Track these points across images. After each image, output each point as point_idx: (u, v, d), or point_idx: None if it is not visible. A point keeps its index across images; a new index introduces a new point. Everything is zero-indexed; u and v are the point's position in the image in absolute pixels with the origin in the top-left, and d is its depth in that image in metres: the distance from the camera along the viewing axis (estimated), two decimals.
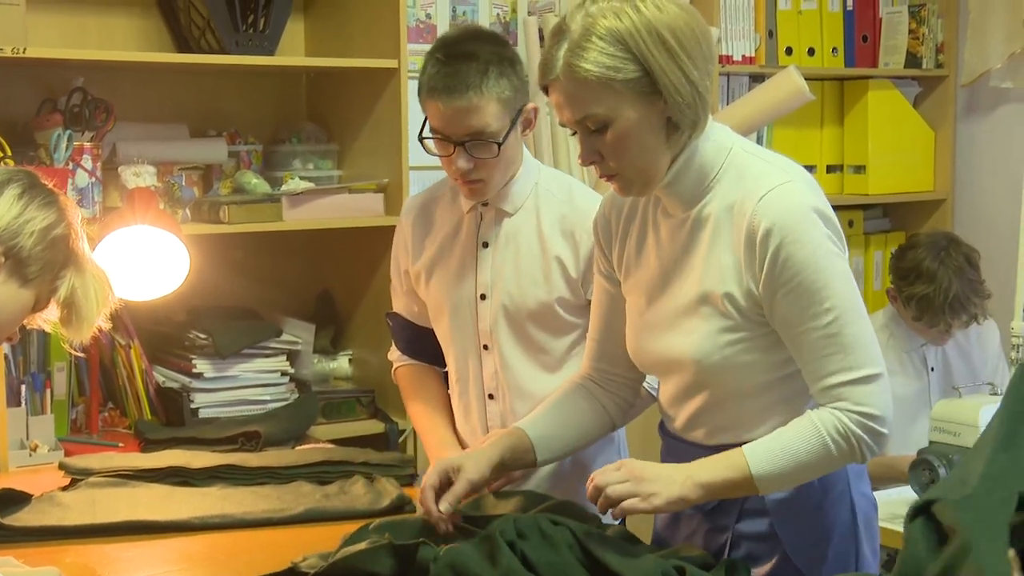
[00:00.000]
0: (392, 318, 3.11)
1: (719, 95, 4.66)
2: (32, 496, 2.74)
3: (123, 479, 2.86)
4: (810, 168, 4.99)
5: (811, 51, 4.99)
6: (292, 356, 3.79)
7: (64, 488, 2.83)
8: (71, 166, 3.42)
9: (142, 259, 3.23)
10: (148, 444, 3.33)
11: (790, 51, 4.93)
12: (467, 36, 2.79)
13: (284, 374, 3.75)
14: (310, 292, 4.17)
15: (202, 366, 3.62)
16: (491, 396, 2.92)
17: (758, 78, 4.68)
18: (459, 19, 4.46)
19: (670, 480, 2.21)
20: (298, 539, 2.55)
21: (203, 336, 3.64)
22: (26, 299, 2.37)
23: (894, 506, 3.23)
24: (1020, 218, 2.97)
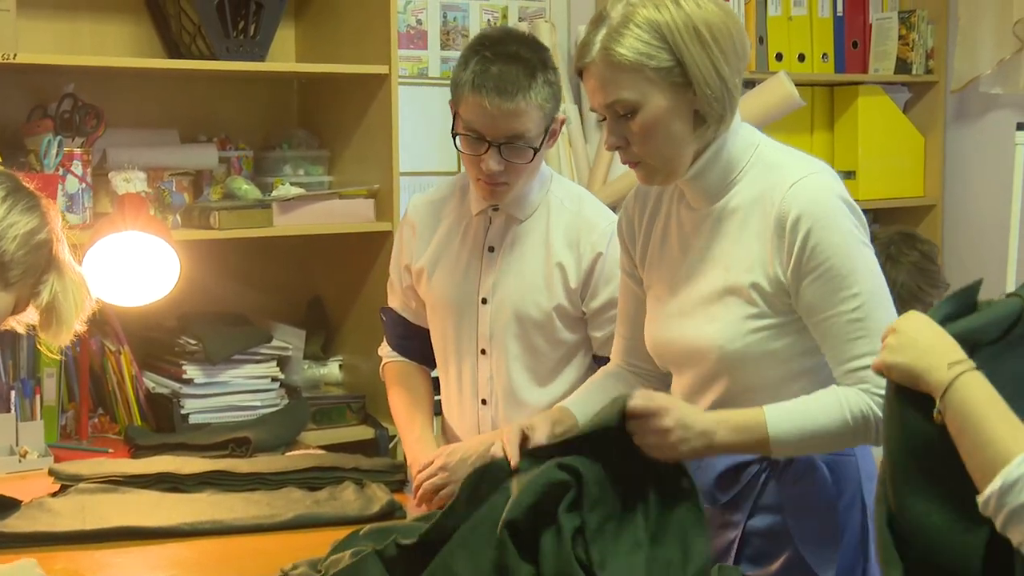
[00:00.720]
0: (386, 313, 3.11)
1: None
2: (22, 502, 2.74)
3: (113, 485, 2.86)
4: None
5: (801, 57, 5.00)
6: (282, 362, 3.78)
7: (54, 494, 2.83)
8: (61, 172, 3.42)
9: (132, 265, 3.23)
10: (138, 450, 3.32)
11: (780, 57, 4.94)
12: (511, 38, 2.78)
13: (274, 380, 3.74)
14: (301, 298, 4.17)
15: (192, 372, 3.62)
16: (484, 401, 2.93)
17: (749, 84, 4.62)
18: (449, 25, 4.47)
19: (697, 433, 2.19)
20: (288, 545, 2.55)
21: (193, 342, 3.64)
22: (6, 302, 2.37)
23: None
24: (1009, 223, 2.98)
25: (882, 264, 3.85)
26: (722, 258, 2.33)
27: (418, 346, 3.08)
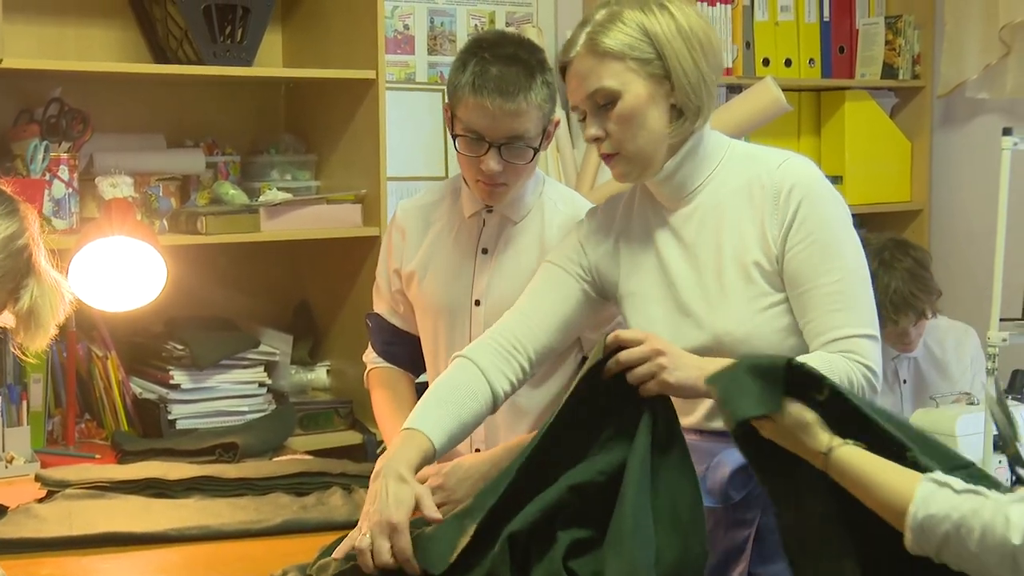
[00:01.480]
0: (372, 318, 3.11)
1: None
2: (8, 508, 2.73)
3: (100, 491, 2.85)
4: None
5: (788, 62, 5.01)
6: (270, 367, 3.78)
7: (40, 500, 2.82)
8: (48, 177, 3.41)
9: (119, 270, 3.22)
10: (125, 456, 3.32)
11: (767, 62, 4.94)
12: (507, 40, 2.81)
13: (262, 385, 3.74)
14: (288, 303, 4.16)
15: (179, 377, 3.61)
16: None
17: (735, 89, 4.69)
18: (437, 30, 4.47)
19: (687, 365, 2.24)
20: (276, 550, 2.54)
21: (180, 347, 3.63)
22: None
23: None
24: (996, 228, 2.98)
25: (875, 270, 3.90)
26: (715, 246, 2.40)
27: (403, 352, 3.08)
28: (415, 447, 2.32)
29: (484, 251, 2.90)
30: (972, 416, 3.26)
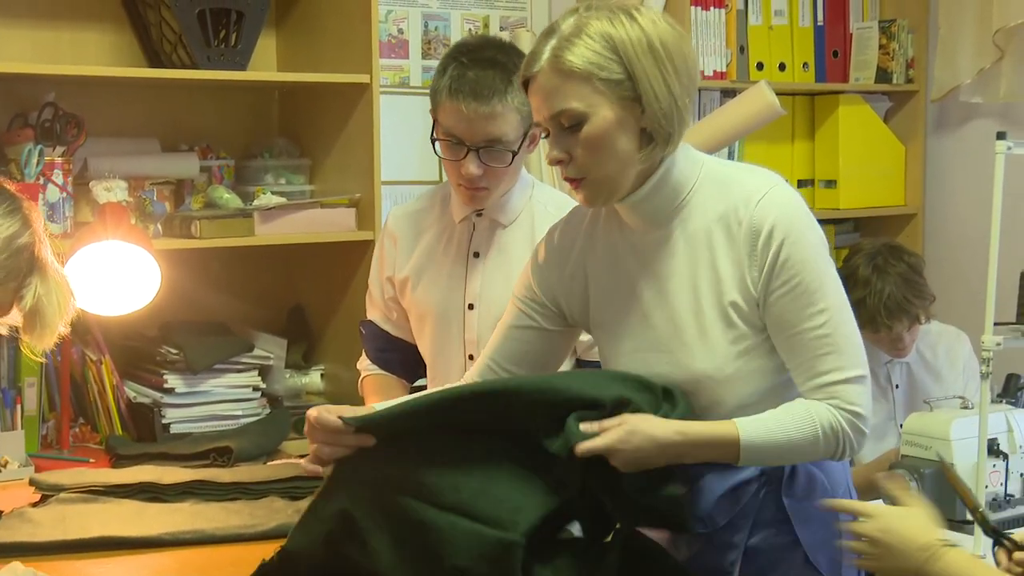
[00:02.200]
0: (365, 326, 3.11)
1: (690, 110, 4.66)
2: (2, 512, 2.73)
3: (94, 495, 2.85)
4: None
5: (782, 66, 5.01)
6: (264, 371, 3.78)
7: (34, 504, 2.82)
8: (42, 181, 3.41)
9: (113, 274, 3.23)
10: (119, 460, 3.32)
11: (761, 66, 4.94)
12: (489, 45, 2.81)
13: (256, 389, 3.74)
14: (282, 307, 4.16)
15: (173, 381, 3.61)
16: None
17: (729, 93, 4.69)
18: (431, 34, 4.47)
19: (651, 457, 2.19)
20: (269, 554, 2.54)
21: (174, 351, 3.63)
22: None
23: None
24: (990, 232, 2.98)
25: (868, 275, 3.90)
26: (691, 282, 2.30)
27: (397, 359, 3.08)
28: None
29: (476, 255, 2.90)
30: (967, 420, 3.25)
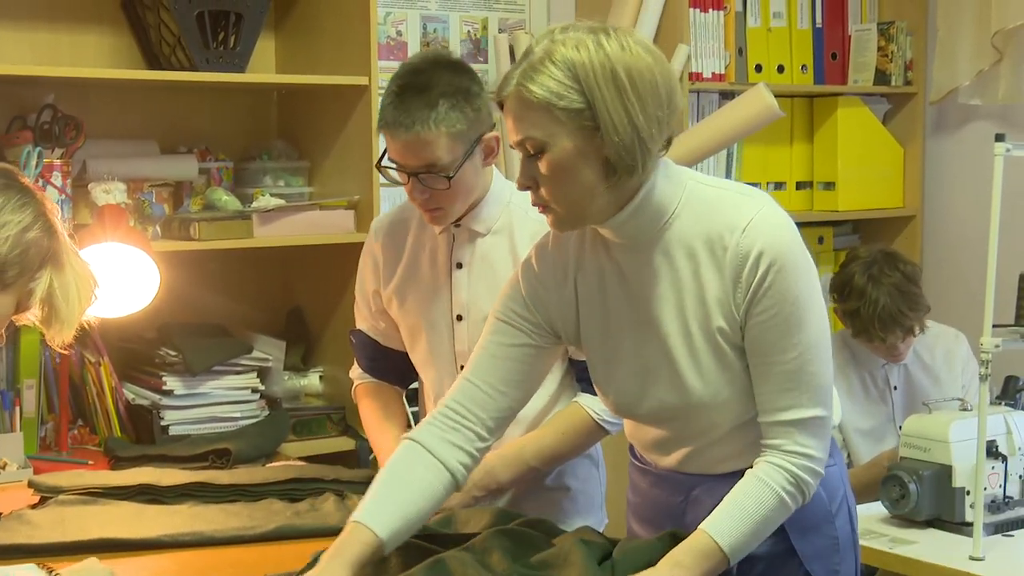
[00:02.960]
0: (355, 335, 3.11)
1: (689, 113, 4.67)
2: (1, 514, 2.73)
3: (93, 497, 2.85)
4: (780, 185, 5.03)
5: (781, 68, 5.02)
6: (263, 373, 3.78)
7: (33, 506, 2.82)
8: (41, 183, 3.41)
9: (112, 276, 3.22)
10: (118, 462, 3.32)
11: (760, 68, 4.95)
12: (426, 64, 2.74)
13: (255, 391, 3.74)
14: (281, 309, 4.16)
15: (172, 383, 3.61)
16: None
17: (728, 95, 4.70)
18: (430, 36, 4.47)
19: None
20: (268, 557, 2.54)
21: (173, 353, 3.63)
22: (7, 304, 2.32)
23: (865, 522, 3.23)
24: (989, 234, 2.98)
25: (863, 284, 3.88)
26: (678, 307, 2.27)
27: (389, 367, 3.07)
28: (358, 542, 2.20)
29: (459, 266, 2.88)
30: (966, 422, 3.25)
